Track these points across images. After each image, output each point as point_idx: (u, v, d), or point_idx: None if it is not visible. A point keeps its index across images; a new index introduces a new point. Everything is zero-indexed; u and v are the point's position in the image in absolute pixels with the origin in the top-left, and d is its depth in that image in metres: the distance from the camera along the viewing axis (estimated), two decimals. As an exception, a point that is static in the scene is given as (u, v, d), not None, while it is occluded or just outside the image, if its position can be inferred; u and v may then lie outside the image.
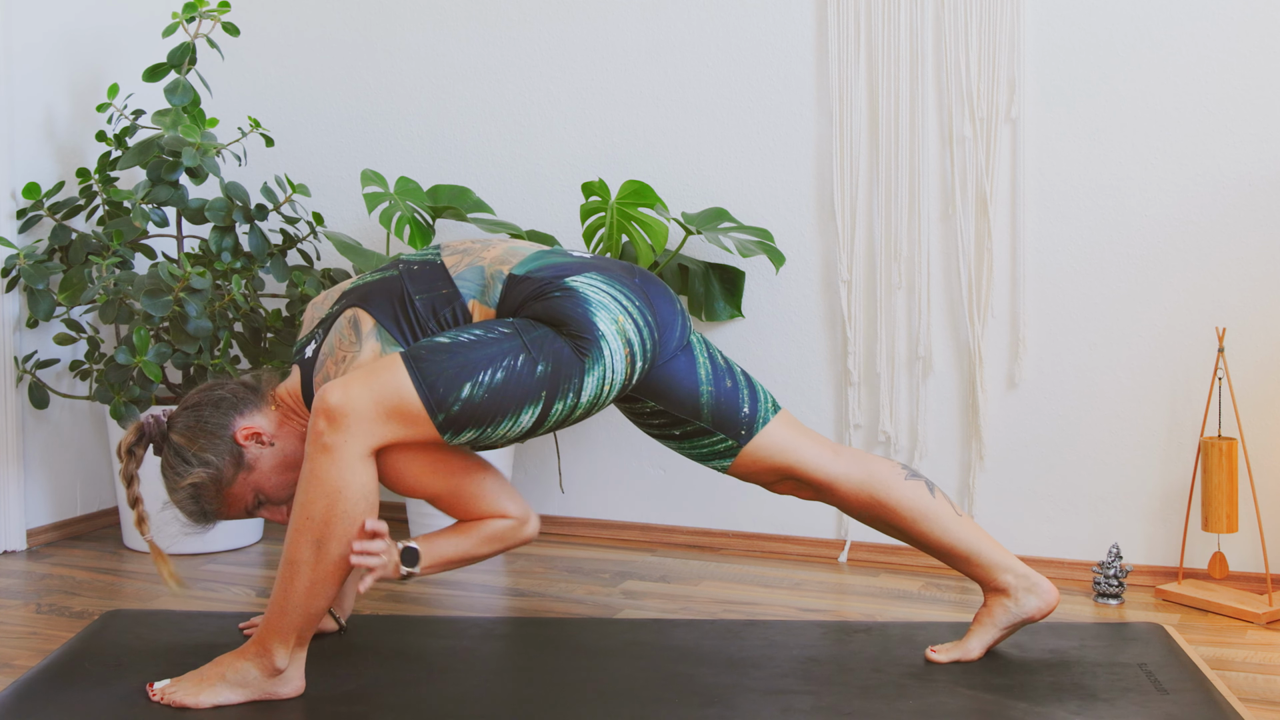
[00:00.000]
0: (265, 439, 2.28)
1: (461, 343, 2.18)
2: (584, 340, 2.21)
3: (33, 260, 3.29)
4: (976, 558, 2.41)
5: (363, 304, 2.28)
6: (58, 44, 3.54)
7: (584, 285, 2.26)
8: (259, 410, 2.31)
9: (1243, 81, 2.96)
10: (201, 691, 2.20)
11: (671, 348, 2.37)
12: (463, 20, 3.60)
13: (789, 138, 3.32)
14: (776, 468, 2.44)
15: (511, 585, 3.11)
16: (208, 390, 2.32)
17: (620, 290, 2.28)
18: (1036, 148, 3.11)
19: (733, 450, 2.42)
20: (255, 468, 2.27)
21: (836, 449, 2.45)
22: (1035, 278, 3.13)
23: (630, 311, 2.27)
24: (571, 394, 2.22)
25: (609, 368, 2.23)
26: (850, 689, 2.30)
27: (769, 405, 2.44)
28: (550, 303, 2.23)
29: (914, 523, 2.41)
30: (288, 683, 2.22)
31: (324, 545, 2.13)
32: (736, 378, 2.43)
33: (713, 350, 2.45)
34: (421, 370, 2.15)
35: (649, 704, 2.24)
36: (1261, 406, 2.98)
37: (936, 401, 3.23)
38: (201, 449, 2.25)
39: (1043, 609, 2.41)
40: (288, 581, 2.16)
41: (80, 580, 3.13)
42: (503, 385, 2.17)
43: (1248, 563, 3.00)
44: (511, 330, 2.21)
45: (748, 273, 3.37)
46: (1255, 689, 2.40)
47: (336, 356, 2.26)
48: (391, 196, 3.29)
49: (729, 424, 2.40)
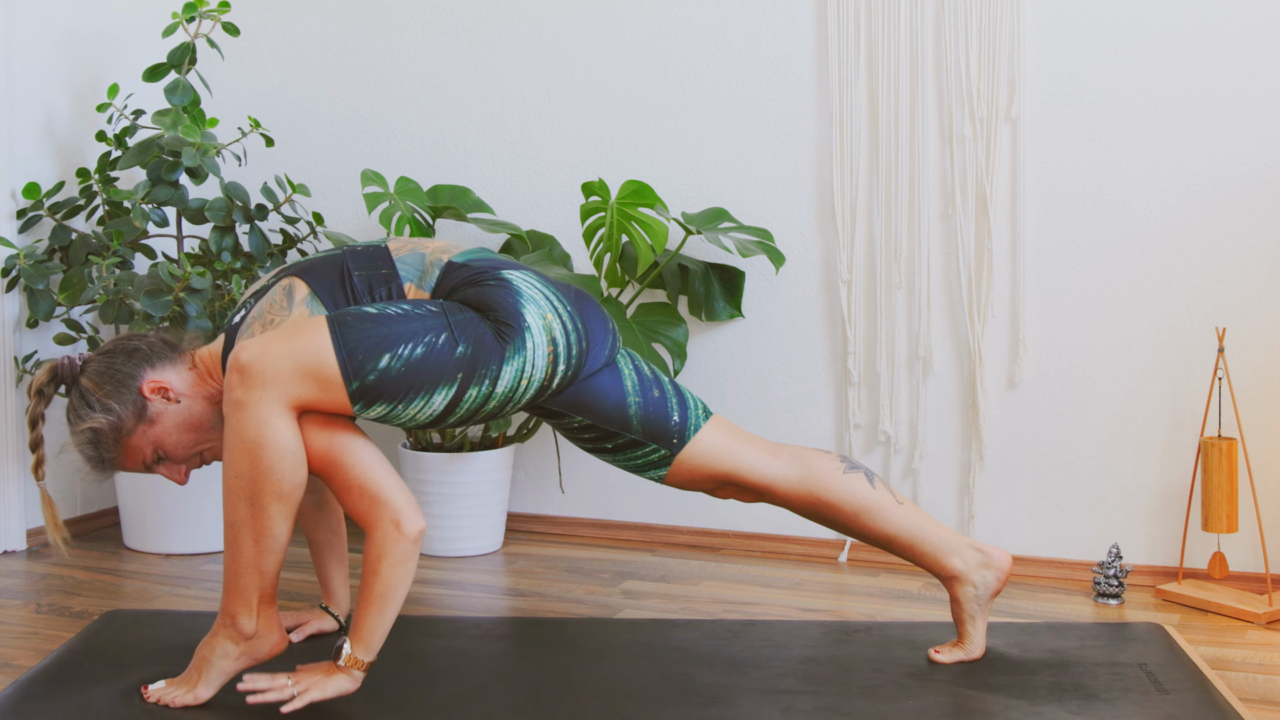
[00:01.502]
0: (172, 395, 2.28)
1: (388, 315, 2.18)
2: (508, 328, 2.21)
3: (33, 260, 3.29)
4: (921, 545, 2.41)
5: (300, 274, 2.30)
6: (58, 43, 3.53)
7: (518, 279, 2.27)
8: (172, 366, 2.31)
9: (1243, 81, 2.96)
10: (197, 685, 2.21)
11: (599, 363, 2.35)
12: (463, 20, 3.60)
13: (789, 138, 3.32)
14: (713, 474, 2.42)
15: (511, 585, 3.11)
16: (126, 339, 2.33)
17: (554, 293, 2.29)
18: (1036, 148, 3.11)
19: (667, 460, 2.40)
20: (157, 422, 2.27)
21: (774, 449, 2.44)
22: (1035, 278, 3.13)
23: (560, 314, 2.27)
24: (488, 381, 2.20)
25: (529, 361, 2.23)
26: (850, 689, 2.30)
27: (699, 412, 2.42)
28: (482, 289, 2.25)
29: (856, 516, 2.41)
30: (264, 642, 2.22)
31: (257, 501, 2.13)
32: (664, 387, 2.41)
33: (639, 362, 2.43)
34: (344, 335, 2.14)
35: (649, 704, 2.24)
36: (1261, 406, 2.98)
37: (936, 401, 3.23)
38: (107, 395, 2.25)
39: (1001, 577, 2.42)
40: (232, 544, 2.16)
41: (80, 580, 3.13)
42: (421, 361, 2.16)
43: (1248, 563, 3.00)
44: (439, 309, 2.22)
45: (748, 273, 3.37)
46: (1255, 689, 2.40)
47: (265, 320, 2.27)
48: (391, 196, 3.29)
49: (660, 434, 2.39)
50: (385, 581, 2.12)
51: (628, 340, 3.13)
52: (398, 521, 2.13)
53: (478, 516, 3.34)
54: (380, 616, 2.13)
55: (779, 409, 3.36)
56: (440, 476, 3.29)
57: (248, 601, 2.19)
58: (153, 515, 3.34)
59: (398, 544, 2.13)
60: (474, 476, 3.31)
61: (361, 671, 2.16)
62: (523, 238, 3.39)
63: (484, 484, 3.33)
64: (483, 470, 3.32)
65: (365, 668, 2.16)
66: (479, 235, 3.59)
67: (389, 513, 2.13)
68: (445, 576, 3.15)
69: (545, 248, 3.42)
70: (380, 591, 2.13)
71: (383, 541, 2.13)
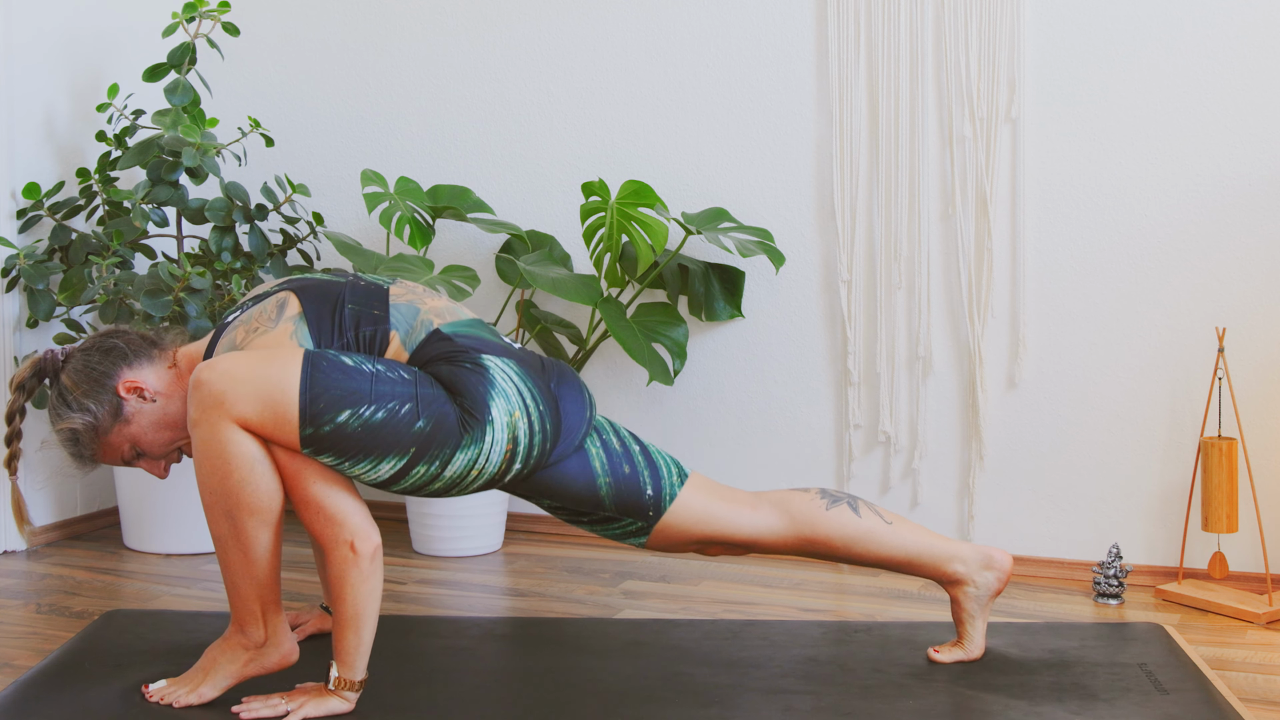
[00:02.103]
0: (148, 394, 2.29)
1: (363, 371, 2.17)
2: (472, 418, 2.19)
3: (33, 260, 3.29)
4: (919, 559, 2.41)
5: (298, 291, 2.30)
6: (58, 44, 3.53)
7: (496, 368, 2.24)
8: (150, 364, 2.32)
9: (1243, 81, 2.96)
10: (200, 685, 2.21)
11: (567, 452, 2.32)
12: (463, 20, 3.60)
13: (789, 138, 3.32)
14: (696, 537, 2.40)
15: (511, 585, 3.11)
16: (106, 336, 2.34)
17: (530, 389, 2.25)
18: (1036, 148, 3.11)
19: (645, 530, 2.38)
20: (132, 421, 2.29)
21: (754, 502, 2.41)
22: (1035, 278, 3.13)
23: (530, 412, 2.24)
24: (438, 462, 2.19)
25: (484, 454, 2.21)
26: (850, 689, 2.30)
27: (674, 479, 2.38)
28: (456, 370, 2.22)
29: (849, 548, 2.40)
30: (274, 651, 2.23)
31: (234, 516, 2.14)
32: (635, 460, 2.37)
33: (607, 436, 2.38)
34: (314, 378, 2.13)
35: (649, 704, 2.24)
36: (1261, 406, 2.98)
37: (936, 401, 3.23)
38: (84, 394, 2.27)
39: (1002, 577, 2.42)
40: (223, 559, 2.17)
41: (80, 580, 3.13)
42: (379, 426, 2.14)
43: (1248, 563, 3.00)
44: (411, 378, 2.20)
45: (748, 273, 3.37)
46: (1255, 689, 2.40)
47: (250, 326, 2.27)
48: (391, 196, 3.29)
49: (634, 509, 2.36)
50: (353, 604, 2.14)
51: (628, 340, 3.13)
52: (352, 543, 2.14)
53: (478, 516, 3.34)
54: (357, 637, 2.16)
55: (779, 409, 3.36)
56: (440, 476, 3.28)
57: (251, 611, 2.20)
58: (153, 515, 3.34)
59: (355, 566, 2.14)
60: (474, 476, 3.30)
61: (354, 692, 2.18)
62: (523, 238, 3.39)
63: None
64: (483, 470, 3.31)
65: (357, 687, 2.18)
66: (479, 235, 3.59)
67: (344, 533, 2.14)
68: (445, 576, 3.15)
69: (545, 248, 3.42)
70: (351, 614, 2.15)
71: (341, 565, 2.14)
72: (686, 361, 3.32)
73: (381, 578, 2.17)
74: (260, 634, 2.21)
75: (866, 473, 3.29)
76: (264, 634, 2.21)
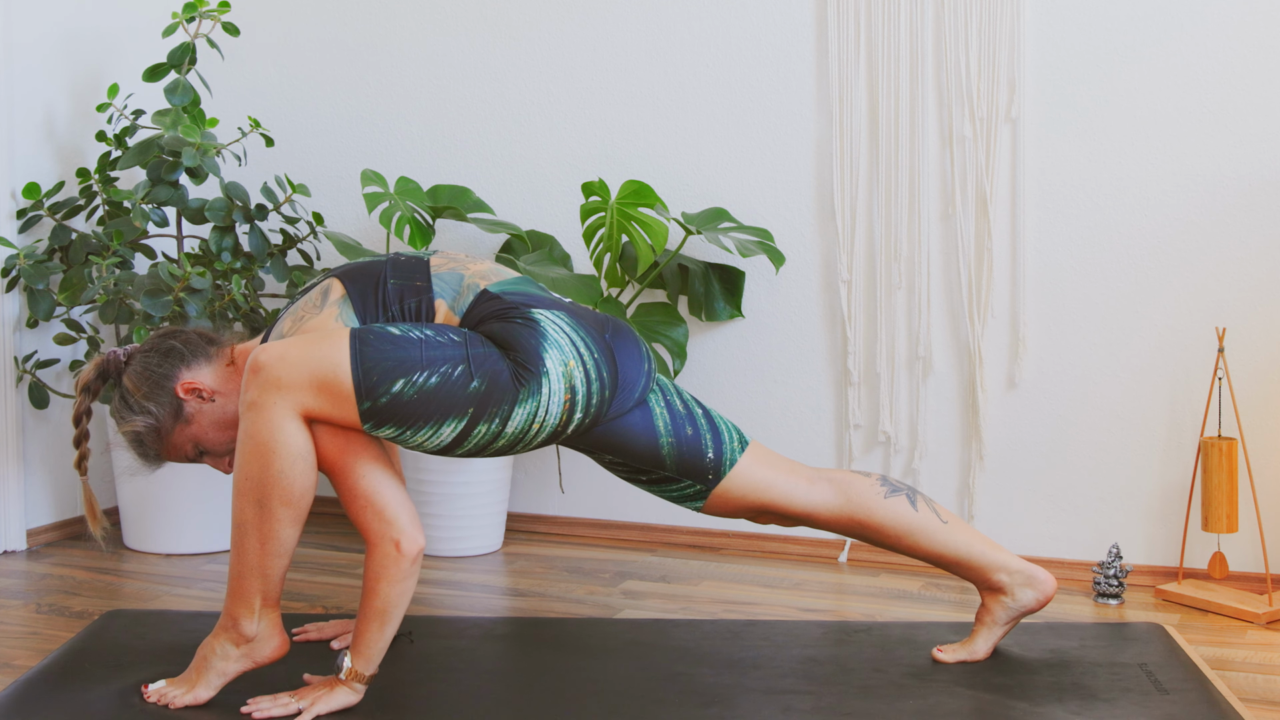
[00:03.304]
0: (205, 394, 2.31)
1: (410, 339, 2.18)
2: (526, 371, 2.19)
3: (33, 260, 3.29)
4: (968, 561, 2.41)
5: (341, 276, 2.32)
6: (58, 43, 3.53)
7: (547, 320, 2.24)
8: (208, 364, 2.34)
9: (1243, 81, 2.96)
10: (197, 685, 2.21)
11: (628, 404, 2.33)
12: (463, 20, 3.60)
13: (789, 138, 3.32)
14: (752, 505, 2.41)
15: (511, 585, 3.11)
16: (165, 336, 2.36)
17: (583, 339, 2.26)
18: (1036, 148, 3.11)
19: (703, 494, 2.40)
20: (194, 421, 2.31)
21: (811, 477, 2.42)
22: (1035, 278, 3.13)
23: (585, 361, 2.24)
24: (499, 420, 2.19)
25: (543, 407, 2.21)
26: (850, 689, 2.30)
27: (735, 445, 2.39)
28: (508, 325, 2.23)
29: (900, 539, 2.41)
30: (265, 644, 2.23)
31: (265, 505, 2.14)
32: (698, 423, 2.38)
33: (671, 397, 2.39)
34: (363, 353, 2.14)
35: (649, 704, 2.24)
36: (1261, 406, 2.98)
37: (936, 401, 3.23)
38: (145, 396, 2.29)
39: (1040, 599, 2.42)
40: (239, 545, 2.17)
41: (80, 580, 3.13)
42: (434, 391, 2.15)
43: (1248, 563, 3.00)
44: (461, 340, 2.20)
45: (748, 273, 3.37)
46: (1255, 689, 2.40)
47: (297, 315, 2.29)
48: (391, 196, 3.29)
49: (695, 471, 2.37)
50: (384, 599, 2.15)
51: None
52: (398, 541, 2.14)
53: (478, 516, 3.34)
54: (380, 632, 2.16)
55: (779, 409, 3.36)
56: (440, 476, 3.29)
57: (250, 604, 2.20)
58: (153, 515, 3.34)
59: (397, 564, 2.14)
60: (474, 476, 3.31)
61: (363, 684, 2.18)
62: (523, 238, 3.39)
63: (484, 484, 3.33)
64: (483, 470, 3.32)
65: (366, 680, 2.18)
66: (479, 235, 3.59)
67: (391, 531, 2.14)
68: (445, 576, 3.15)
69: (545, 248, 3.42)
70: (379, 608, 2.15)
71: (382, 560, 2.14)
72: (686, 361, 3.32)
73: (416, 581, 2.18)
74: (254, 628, 2.21)
75: (866, 473, 3.29)
76: (257, 628, 2.21)
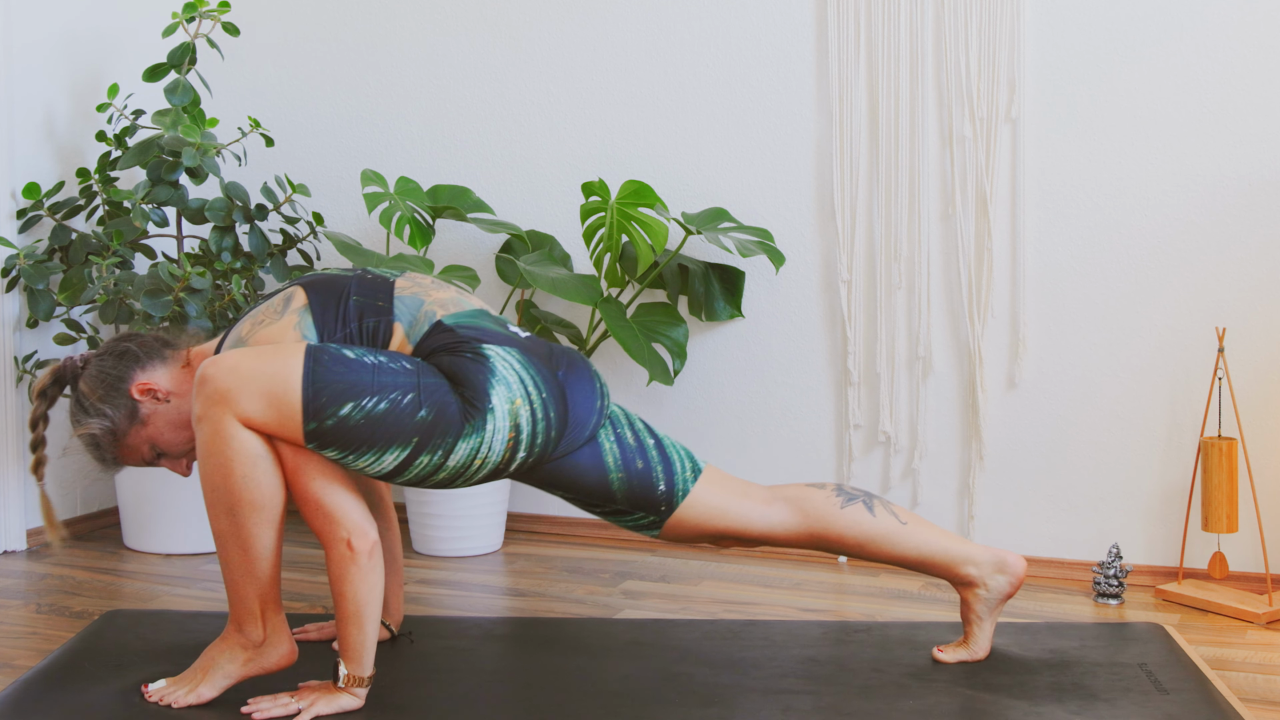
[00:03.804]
0: (161, 395, 2.31)
1: (364, 363, 2.17)
2: (472, 407, 2.19)
3: (33, 260, 3.29)
4: (934, 559, 2.41)
5: (306, 285, 2.32)
6: (58, 44, 3.53)
7: (498, 357, 2.24)
8: (164, 365, 2.34)
9: (1243, 81, 2.96)
10: (199, 685, 2.22)
11: (579, 443, 2.32)
12: (463, 20, 3.60)
13: (789, 138, 3.32)
14: (708, 531, 2.40)
15: (511, 585, 3.11)
16: (119, 340, 2.36)
17: (533, 377, 2.25)
18: (1036, 148, 3.11)
19: (657, 524, 2.38)
20: (149, 423, 2.31)
21: (767, 498, 2.41)
22: (1035, 278, 3.13)
23: (532, 399, 2.23)
24: (441, 451, 2.19)
25: (486, 444, 2.21)
26: (850, 689, 2.30)
27: (688, 474, 2.37)
28: (458, 359, 2.23)
29: (862, 546, 2.40)
30: (273, 651, 2.23)
31: (236, 513, 2.14)
32: (649, 455, 2.36)
33: (622, 429, 2.37)
34: (316, 372, 2.14)
35: (649, 704, 2.24)
36: (1261, 406, 2.98)
37: (936, 401, 3.23)
38: (100, 399, 2.29)
39: (1014, 581, 2.42)
40: (223, 555, 2.18)
41: (80, 580, 3.13)
42: (381, 417, 2.15)
43: (1248, 563, 3.00)
44: (414, 368, 2.21)
45: (748, 273, 3.37)
46: (1255, 689, 2.40)
47: (257, 319, 2.29)
48: (391, 196, 3.29)
49: (647, 503, 2.36)
50: (353, 600, 2.15)
51: (628, 340, 3.12)
52: (348, 540, 2.15)
53: (478, 516, 3.34)
54: (361, 632, 2.16)
55: (779, 409, 3.36)
56: (440, 476, 3.28)
57: (250, 610, 2.20)
58: (153, 515, 3.34)
59: (354, 563, 2.15)
60: (474, 476, 3.31)
61: (363, 688, 2.19)
62: (523, 238, 3.39)
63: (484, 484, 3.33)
64: (483, 470, 3.31)
65: (366, 683, 2.19)
66: (479, 235, 3.59)
67: (340, 530, 2.15)
68: (445, 576, 3.15)
69: (545, 248, 3.42)
70: (352, 611, 2.16)
71: (340, 562, 2.15)
72: (686, 361, 3.32)
73: (382, 574, 2.18)
74: (259, 633, 2.21)
75: (866, 473, 3.29)
76: (263, 633, 2.21)
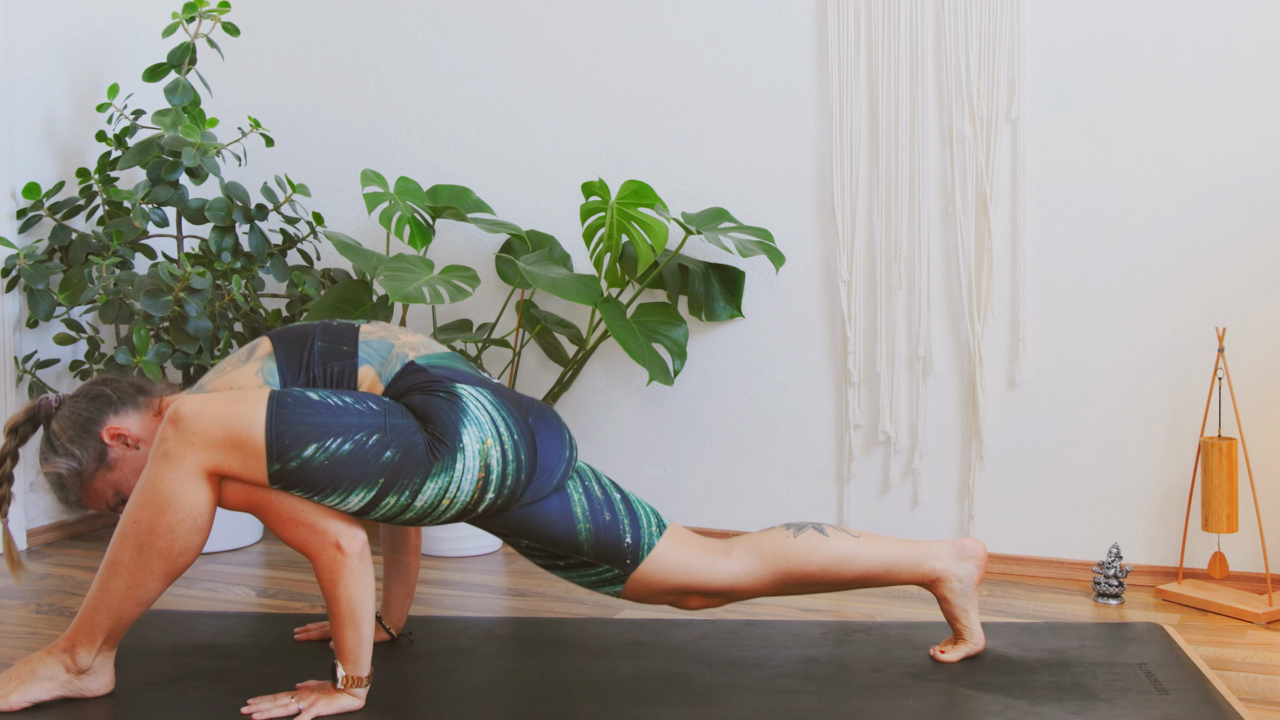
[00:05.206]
0: (131, 441, 2.30)
1: (328, 405, 2.18)
2: (442, 445, 2.19)
3: (33, 260, 3.29)
4: (895, 567, 2.41)
5: (273, 336, 2.34)
6: (58, 44, 3.54)
7: (470, 396, 2.24)
8: (136, 412, 2.33)
9: (1243, 81, 2.96)
10: (12, 691, 2.21)
11: (546, 490, 2.31)
12: (463, 20, 3.60)
13: (789, 138, 3.32)
14: (672, 588, 2.38)
15: (511, 585, 3.11)
16: (96, 383, 2.36)
17: (504, 418, 2.25)
18: (1036, 148, 3.11)
19: (620, 578, 2.37)
20: (116, 467, 2.30)
21: (726, 549, 2.40)
22: (1035, 278, 3.13)
23: (504, 440, 2.24)
24: (409, 492, 2.19)
25: (455, 484, 2.20)
26: (850, 689, 2.31)
27: (653, 529, 2.37)
28: (430, 398, 2.23)
29: (824, 572, 2.39)
30: (95, 679, 2.24)
31: (144, 552, 2.15)
32: (616, 508, 2.36)
33: (589, 483, 2.37)
34: (279, 415, 2.15)
35: (649, 704, 2.25)
36: (1261, 406, 2.98)
37: (936, 401, 3.23)
38: (70, 440, 2.29)
39: (979, 564, 2.44)
40: (104, 583, 2.18)
41: (80, 580, 3.13)
42: (346, 458, 2.15)
43: (1248, 563, 3.00)
44: (380, 409, 2.21)
45: (748, 273, 3.37)
46: (1255, 689, 2.40)
47: (220, 369, 2.31)
48: (391, 196, 3.29)
49: (612, 555, 2.35)
50: (348, 603, 2.16)
51: (628, 340, 3.13)
52: (338, 543, 2.16)
53: (478, 516, 3.34)
54: (357, 634, 2.17)
55: (779, 409, 3.36)
56: (440, 476, 3.28)
57: (94, 640, 2.21)
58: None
59: (345, 564, 2.16)
60: (474, 476, 3.30)
61: (363, 688, 2.19)
62: (523, 238, 3.39)
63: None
64: (483, 470, 3.31)
65: (365, 683, 2.19)
66: (479, 235, 3.59)
67: (327, 538, 2.16)
68: (445, 576, 3.15)
69: (545, 248, 3.42)
70: (347, 613, 2.16)
71: (330, 567, 2.16)
72: (686, 361, 3.32)
73: (372, 574, 2.19)
74: (89, 661, 2.22)
75: (866, 473, 3.29)
76: (92, 663, 2.22)
